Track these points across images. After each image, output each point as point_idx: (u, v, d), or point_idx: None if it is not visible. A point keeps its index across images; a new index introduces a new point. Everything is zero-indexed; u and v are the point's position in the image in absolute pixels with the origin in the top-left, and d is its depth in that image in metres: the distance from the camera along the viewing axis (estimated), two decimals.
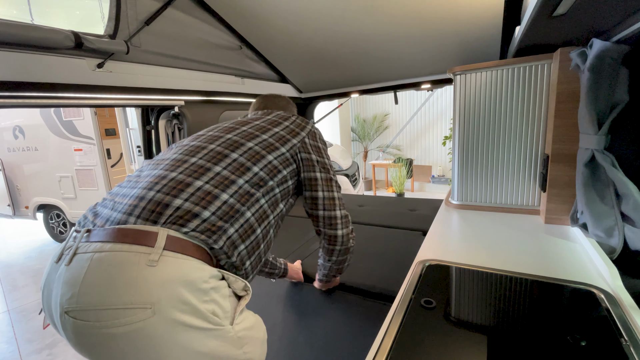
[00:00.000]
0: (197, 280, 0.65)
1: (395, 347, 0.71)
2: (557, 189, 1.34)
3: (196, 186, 0.76)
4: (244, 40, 2.08)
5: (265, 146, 0.93)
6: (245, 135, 0.94)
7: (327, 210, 1.01)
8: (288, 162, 0.96)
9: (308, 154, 1.00)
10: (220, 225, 0.74)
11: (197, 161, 0.83)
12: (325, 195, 1.01)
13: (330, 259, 1.11)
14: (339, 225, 1.03)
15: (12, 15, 1.19)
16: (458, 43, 1.78)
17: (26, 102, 1.20)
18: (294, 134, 1.01)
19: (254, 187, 0.85)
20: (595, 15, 0.87)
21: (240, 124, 1.00)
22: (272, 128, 0.99)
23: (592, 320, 0.76)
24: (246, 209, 0.81)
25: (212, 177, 0.80)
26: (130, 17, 1.43)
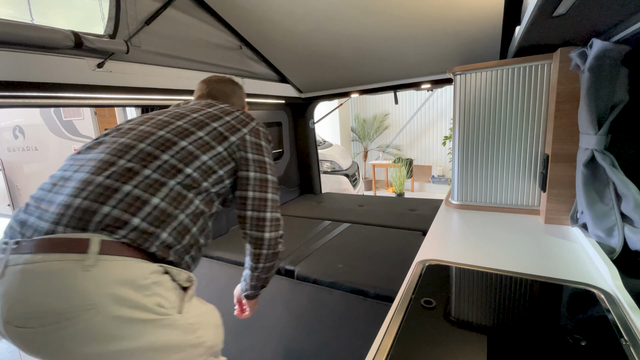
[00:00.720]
0: (137, 278, 0.67)
1: (395, 347, 0.71)
2: (557, 189, 1.34)
3: (124, 191, 0.73)
4: (244, 40, 2.08)
5: (200, 145, 0.87)
6: (179, 132, 0.87)
7: (255, 211, 0.94)
8: (225, 161, 0.90)
9: (245, 152, 0.94)
10: (152, 231, 0.73)
11: (126, 163, 0.77)
12: (256, 196, 0.94)
13: (257, 265, 0.99)
14: (266, 228, 0.95)
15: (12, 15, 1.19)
16: (458, 43, 1.78)
17: (26, 102, 1.20)
18: (234, 130, 0.94)
19: (186, 188, 0.81)
20: (595, 15, 0.87)
21: (177, 117, 0.91)
22: (210, 123, 0.92)
23: (592, 320, 0.76)
24: (179, 211, 0.78)
25: (141, 180, 0.76)
26: (130, 17, 1.43)
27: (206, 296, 1.57)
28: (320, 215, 2.50)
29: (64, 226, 0.68)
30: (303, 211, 2.66)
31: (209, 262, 1.83)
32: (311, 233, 2.09)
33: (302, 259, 1.71)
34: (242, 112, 1.04)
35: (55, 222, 0.68)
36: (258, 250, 0.97)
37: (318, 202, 2.97)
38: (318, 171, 3.28)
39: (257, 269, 1.00)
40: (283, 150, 3.01)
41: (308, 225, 2.25)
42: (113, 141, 0.83)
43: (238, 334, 1.32)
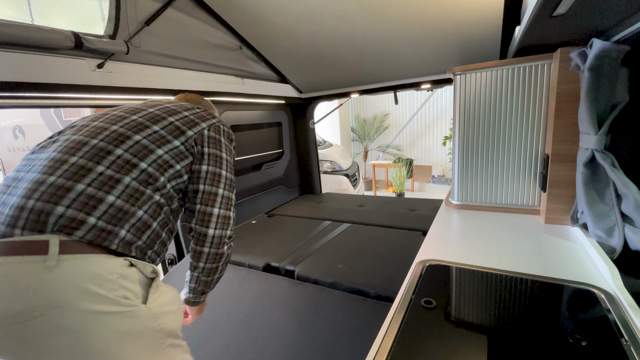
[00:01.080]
0: (102, 273, 0.68)
1: (395, 347, 0.71)
2: (557, 189, 1.34)
3: (78, 190, 0.71)
4: (244, 40, 2.08)
5: (155, 139, 0.84)
6: (134, 126, 0.84)
7: (203, 205, 0.89)
8: (182, 155, 0.88)
9: (202, 146, 0.91)
10: (110, 229, 0.72)
11: (78, 161, 0.75)
12: (206, 189, 0.90)
13: (197, 264, 0.92)
14: (211, 224, 0.90)
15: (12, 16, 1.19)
16: (458, 43, 1.78)
17: (26, 102, 1.20)
18: (192, 124, 0.91)
19: (143, 184, 0.79)
20: (595, 15, 0.87)
21: (132, 112, 0.89)
22: (167, 117, 0.89)
23: (593, 320, 0.76)
24: (137, 208, 0.77)
25: (94, 178, 0.74)
26: (130, 17, 1.44)
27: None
28: (320, 215, 2.50)
29: (20, 229, 0.67)
30: (303, 211, 2.66)
31: None
32: (311, 233, 2.09)
33: (302, 259, 1.71)
34: (204, 109, 1.01)
35: (12, 225, 0.67)
36: (200, 247, 0.91)
37: (318, 202, 2.97)
38: (318, 171, 3.28)
39: (197, 268, 0.94)
40: (283, 150, 3.01)
41: (308, 226, 2.25)
42: (66, 139, 0.81)
43: (238, 334, 1.32)
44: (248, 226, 2.38)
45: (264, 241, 2.04)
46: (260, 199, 2.69)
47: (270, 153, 2.89)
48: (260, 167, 2.71)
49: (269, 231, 2.23)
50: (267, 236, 2.13)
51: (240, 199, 2.46)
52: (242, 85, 2.20)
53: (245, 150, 2.55)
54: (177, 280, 1.75)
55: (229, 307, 1.48)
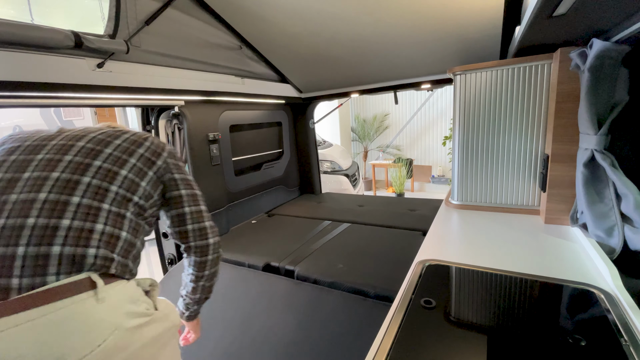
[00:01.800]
0: (134, 294, 0.79)
1: (395, 347, 0.71)
2: (557, 189, 1.34)
3: (65, 226, 0.73)
4: (244, 40, 2.08)
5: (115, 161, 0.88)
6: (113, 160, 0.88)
7: (195, 223, 1.00)
8: (146, 176, 0.93)
9: (171, 174, 0.98)
10: (111, 257, 0.78)
11: (49, 197, 0.74)
12: (193, 210, 1.00)
13: (203, 274, 1.03)
14: (209, 235, 1.02)
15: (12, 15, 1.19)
16: (458, 43, 1.78)
17: (26, 102, 1.20)
18: (156, 155, 0.96)
19: (122, 207, 0.84)
20: (595, 15, 0.87)
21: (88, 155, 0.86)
22: (135, 150, 0.93)
23: (592, 320, 0.76)
24: (121, 230, 0.82)
25: (74, 210, 0.75)
26: (130, 17, 1.43)
27: None
28: (320, 215, 2.50)
29: (53, 274, 0.69)
30: (303, 211, 2.66)
31: None
32: (311, 233, 2.09)
33: (302, 259, 1.71)
34: (149, 137, 1.04)
35: (7, 276, 0.66)
36: (204, 257, 1.01)
37: (318, 202, 2.97)
38: (318, 171, 3.28)
39: (202, 277, 1.03)
40: (283, 150, 3.01)
41: (308, 225, 2.25)
42: (16, 177, 0.77)
43: (238, 334, 1.32)
44: (248, 226, 2.38)
45: (264, 241, 2.04)
46: (260, 199, 2.69)
47: (270, 153, 2.89)
48: (260, 167, 2.72)
49: (269, 231, 2.23)
50: (267, 236, 2.13)
51: (240, 199, 2.46)
52: (242, 85, 2.20)
53: (245, 150, 2.55)
54: (177, 280, 1.75)
55: (229, 307, 1.48)
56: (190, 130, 1.94)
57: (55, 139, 0.87)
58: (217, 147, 2.15)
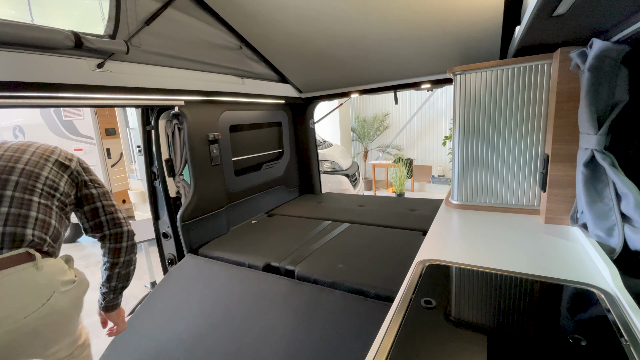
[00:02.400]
0: (62, 267, 0.99)
1: (395, 346, 0.71)
2: (557, 189, 1.34)
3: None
4: (244, 40, 2.08)
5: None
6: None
7: (109, 214, 1.15)
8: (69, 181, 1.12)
9: (82, 176, 1.15)
10: (44, 238, 0.98)
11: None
12: (105, 204, 1.16)
13: (118, 260, 1.16)
14: (123, 224, 1.16)
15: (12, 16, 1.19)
16: (458, 43, 1.78)
17: (26, 102, 1.20)
18: (68, 160, 1.13)
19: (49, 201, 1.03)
20: (595, 15, 0.87)
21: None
22: (50, 156, 1.10)
23: (592, 320, 0.76)
24: (51, 219, 1.01)
25: (9, 201, 0.93)
26: (130, 17, 1.43)
27: (206, 296, 1.57)
28: (320, 215, 2.50)
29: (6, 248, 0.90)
30: (303, 211, 2.66)
31: (209, 262, 1.84)
32: (311, 233, 2.09)
33: (302, 259, 1.71)
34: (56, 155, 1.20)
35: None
36: (119, 244, 1.16)
37: (318, 202, 2.97)
38: (318, 171, 3.28)
39: (117, 264, 1.16)
40: (283, 150, 3.01)
41: (308, 225, 2.25)
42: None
43: (238, 334, 1.32)
44: (248, 226, 2.38)
45: (264, 241, 2.04)
46: (260, 199, 2.69)
47: (270, 153, 2.88)
48: (260, 167, 2.72)
49: (269, 231, 2.23)
50: (267, 236, 2.13)
51: (240, 199, 2.46)
52: (242, 85, 2.20)
53: (245, 150, 2.55)
54: (176, 279, 1.75)
55: (229, 307, 1.48)
56: (190, 130, 1.94)
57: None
58: (217, 147, 2.15)
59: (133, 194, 4.23)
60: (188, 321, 1.45)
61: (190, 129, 1.94)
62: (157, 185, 2.06)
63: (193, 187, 2.01)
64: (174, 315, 1.50)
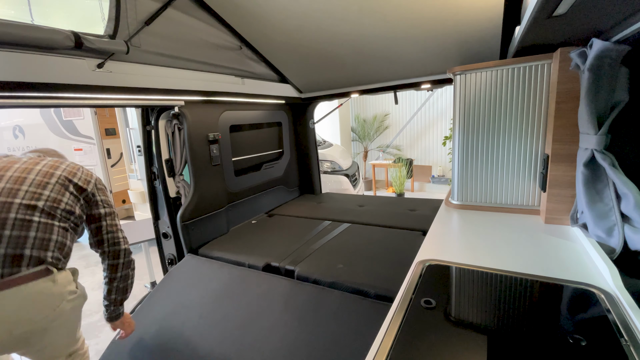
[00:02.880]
0: (70, 279, 1.16)
1: (395, 346, 0.71)
2: (557, 189, 1.34)
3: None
4: (244, 40, 2.08)
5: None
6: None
7: (110, 233, 1.28)
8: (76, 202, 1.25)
9: (95, 196, 1.26)
10: (44, 255, 1.10)
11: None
12: (109, 223, 1.28)
13: (115, 275, 1.28)
14: (121, 242, 1.30)
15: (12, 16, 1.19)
16: (458, 43, 1.78)
17: (26, 102, 1.20)
18: (86, 183, 1.25)
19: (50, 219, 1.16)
20: (595, 15, 0.87)
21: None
22: (53, 173, 1.20)
23: (592, 320, 0.76)
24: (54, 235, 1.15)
25: (12, 223, 1.06)
26: (130, 17, 1.43)
27: (206, 296, 1.57)
28: (320, 215, 2.50)
29: (24, 266, 1.05)
30: (303, 211, 2.66)
31: (209, 262, 1.84)
32: (311, 233, 2.09)
33: (302, 259, 1.71)
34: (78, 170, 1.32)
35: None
36: (116, 260, 1.28)
37: (318, 202, 2.97)
38: (318, 171, 3.28)
39: (115, 279, 1.29)
40: (283, 150, 3.01)
41: (308, 225, 2.25)
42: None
43: (238, 334, 1.32)
44: (248, 226, 2.38)
45: (264, 241, 2.04)
46: (260, 199, 2.69)
47: (270, 153, 2.89)
48: (260, 167, 2.72)
49: (269, 231, 2.23)
50: (267, 236, 2.13)
51: (240, 199, 2.46)
52: (242, 85, 2.20)
53: (245, 150, 2.55)
54: (176, 279, 1.75)
55: (229, 307, 1.48)
56: (190, 131, 1.94)
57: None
58: (217, 147, 2.15)
59: (133, 194, 4.23)
60: (188, 321, 1.45)
61: (190, 129, 1.94)
62: (157, 185, 2.06)
63: (193, 187, 2.01)
64: (173, 315, 1.50)
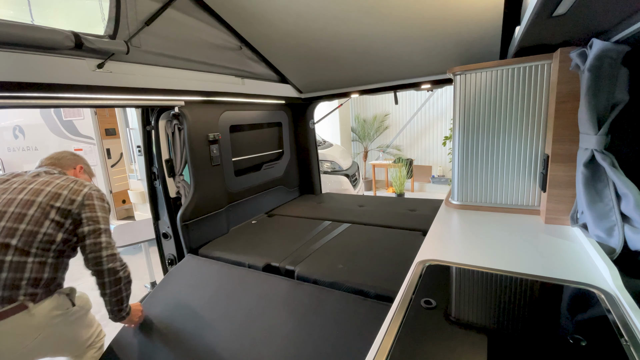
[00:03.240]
0: (57, 303, 1.23)
1: (395, 346, 0.71)
2: (557, 189, 1.34)
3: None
4: (244, 41, 2.08)
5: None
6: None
7: (91, 253, 1.24)
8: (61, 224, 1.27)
9: (80, 215, 1.26)
10: (35, 292, 1.17)
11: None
12: (92, 241, 1.25)
13: (105, 292, 1.29)
14: (103, 262, 1.25)
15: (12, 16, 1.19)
16: (458, 43, 1.78)
17: (26, 102, 1.20)
18: (67, 210, 1.25)
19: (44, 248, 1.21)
20: (595, 15, 0.87)
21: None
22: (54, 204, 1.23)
23: (593, 320, 0.76)
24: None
25: (8, 266, 1.11)
26: (130, 17, 1.43)
27: (206, 296, 1.57)
28: (320, 215, 2.50)
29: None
30: (303, 211, 2.66)
31: (209, 262, 1.84)
32: (311, 233, 2.09)
33: (302, 259, 1.71)
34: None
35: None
36: (101, 279, 1.26)
37: (318, 202, 2.97)
38: (318, 171, 3.28)
39: (106, 294, 1.29)
40: (283, 151, 3.01)
41: (308, 226, 2.25)
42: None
43: (238, 334, 1.32)
44: (248, 226, 2.38)
45: (264, 241, 2.04)
46: (260, 199, 2.69)
47: (270, 153, 2.88)
48: (260, 167, 2.71)
49: (269, 231, 2.23)
50: (267, 236, 2.12)
51: (240, 199, 2.46)
52: (242, 85, 2.20)
53: (246, 150, 2.55)
54: (176, 280, 1.75)
55: (229, 307, 1.48)
56: (190, 131, 1.94)
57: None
58: (217, 148, 2.15)
59: (133, 194, 4.23)
60: (188, 321, 1.45)
61: (190, 129, 1.94)
62: (157, 185, 2.06)
63: (193, 187, 2.01)
64: (173, 316, 1.50)
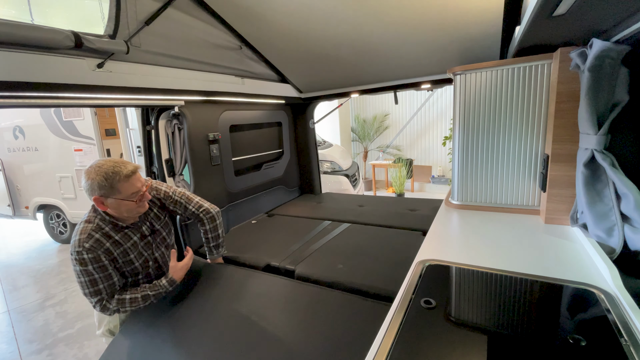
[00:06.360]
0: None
1: (395, 346, 0.71)
2: (557, 189, 1.34)
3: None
4: (244, 40, 2.08)
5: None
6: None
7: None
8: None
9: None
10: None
11: None
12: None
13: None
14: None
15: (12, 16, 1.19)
16: (458, 43, 1.78)
17: (26, 102, 1.20)
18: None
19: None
20: (595, 15, 0.87)
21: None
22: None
23: (592, 320, 0.76)
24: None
25: None
26: (130, 17, 1.43)
27: (206, 296, 1.57)
28: (320, 215, 2.50)
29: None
30: (303, 211, 2.66)
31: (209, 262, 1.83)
32: (311, 233, 2.09)
33: (302, 259, 1.71)
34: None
35: None
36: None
37: (318, 202, 2.97)
38: (318, 171, 3.28)
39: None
40: (283, 150, 3.01)
41: (308, 225, 2.24)
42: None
43: (238, 334, 1.32)
44: (248, 226, 2.38)
45: (264, 241, 2.04)
46: (260, 199, 2.69)
47: (270, 153, 2.88)
48: (260, 167, 2.71)
49: (269, 231, 2.22)
50: (267, 236, 2.12)
51: (240, 199, 2.46)
52: (242, 85, 2.20)
53: (245, 150, 2.55)
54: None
55: (229, 307, 1.48)
56: (190, 130, 1.94)
57: None
58: (217, 147, 2.15)
59: None
60: (187, 321, 1.45)
61: (190, 129, 1.94)
62: None
63: (193, 187, 2.01)
64: (173, 316, 1.50)
